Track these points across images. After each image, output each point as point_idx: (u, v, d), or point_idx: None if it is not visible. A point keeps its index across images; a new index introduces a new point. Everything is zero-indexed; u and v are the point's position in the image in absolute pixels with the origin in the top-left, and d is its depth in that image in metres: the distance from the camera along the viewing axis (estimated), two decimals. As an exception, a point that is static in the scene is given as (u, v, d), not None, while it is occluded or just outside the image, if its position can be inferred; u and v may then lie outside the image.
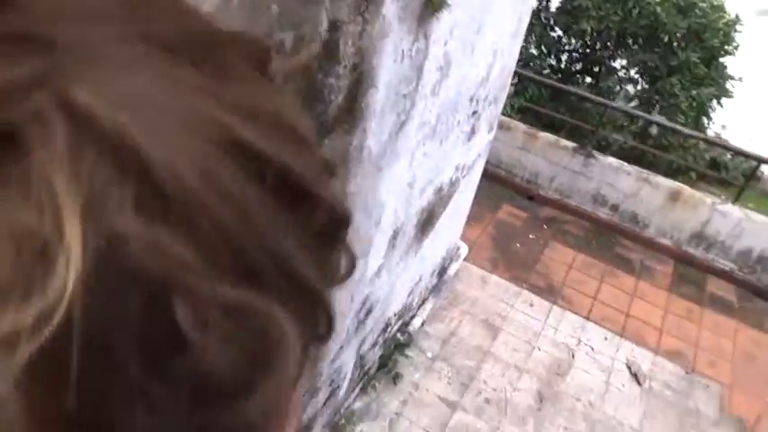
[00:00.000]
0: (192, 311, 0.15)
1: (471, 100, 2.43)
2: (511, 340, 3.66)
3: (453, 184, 2.83)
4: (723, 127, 9.68)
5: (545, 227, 4.95)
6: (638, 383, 3.68)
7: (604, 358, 3.77)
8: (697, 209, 4.75)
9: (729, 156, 8.41)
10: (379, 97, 1.55)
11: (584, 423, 3.30)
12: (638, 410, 3.48)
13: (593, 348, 3.81)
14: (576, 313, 4.06)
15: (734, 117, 8.43)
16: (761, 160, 4.47)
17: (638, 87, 7.82)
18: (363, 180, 1.70)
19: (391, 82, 1.59)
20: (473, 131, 2.71)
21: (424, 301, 3.53)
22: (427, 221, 2.67)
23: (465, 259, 4.07)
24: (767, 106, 12.14)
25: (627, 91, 7.94)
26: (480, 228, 4.67)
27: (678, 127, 5.29)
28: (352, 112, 1.43)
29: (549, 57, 8.14)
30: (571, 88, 5.96)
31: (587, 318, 4.06)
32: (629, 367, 3.77)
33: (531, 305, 4.01)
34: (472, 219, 3.90)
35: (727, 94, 7.68)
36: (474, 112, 2.56)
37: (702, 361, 4.00)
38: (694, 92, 6.93)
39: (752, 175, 4.65)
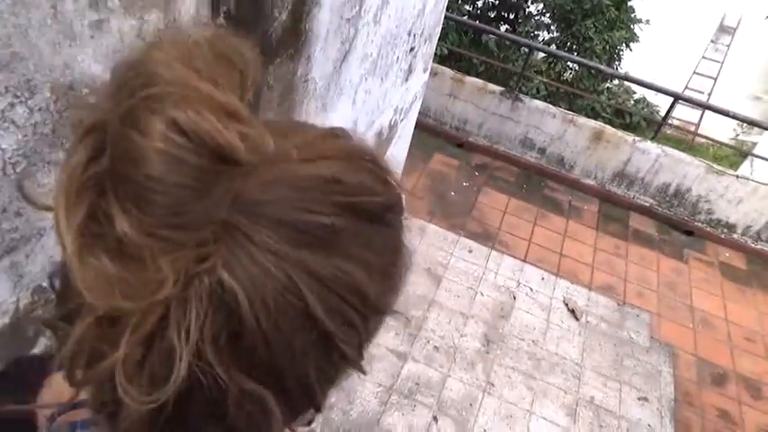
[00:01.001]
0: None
1: (410, 34, 2.27)
2: (454, 287, 3.64)
3: (392, 128, 2.68)
4: (626, 73, 10.13)
5: (477, 174, 4.94)
6: (576, 319, 3.78)
7: (543, 298, 3.84)
8: (619, 147, 4.89)
9: (632, 102, 8.81)
10: (324, 18, 1.36)
11: (530, 361, 3.36)
12: (577, 344, 3.58)
13: (532, 289, 3.87)
14: (513, 256, 4.10)
15: (634, 63, 8.77)
16: (676, 96, 4.63)
17: (554, 34, 7.94)
18: (308, 118, 1.52)
19: (335, 3, 1.41)
20: (410, 70, 2.56)
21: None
22: (368, 168, 2.52)
23: (402, 210, 3.98)
24: (667, 51, 12.79)
25: (542, 36, 8.04)
26: (414, 178, 4.58)
27: (602, 66, 5.39)
28: (297, 33, 1.24)
29: (466, 2, 8.07)
30: (495, 30, 5.90)
31: (524, 260, 4.11)
32: (566, 304, 3.87)
33: (470, 251, 4.00)
34: (405, 169, 3.79)
35: (635, 37, 7.96)
36: (412, 49, 2.41)
37: (631, 293, 4.18)
38: (607, 35, 7.11)
39: (669, 112, 4.82)
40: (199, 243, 0.29)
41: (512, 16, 8.13)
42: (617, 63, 7.85)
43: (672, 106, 4.79)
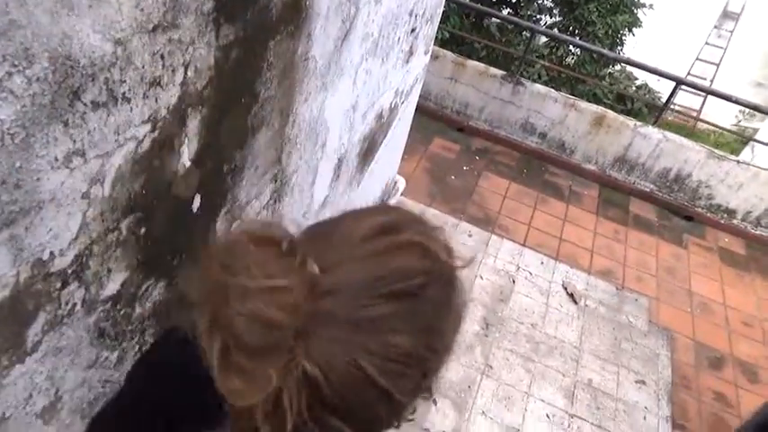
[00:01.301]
0: None
1: (411, 14, 2.25)
2: (453, 271, 3.64)
3: (393, 111, 2.67)
4: (628, 58, 10.04)
5: (477, 158, 4.92)
6: (575, 302, 3.80)
7: (542, 281, 3.85)
8: (620, 132, 4.87)
9: (634, 88, 8.76)
10: (324, -5, 1.35)
11: (528, 344, 3.37)
12: (576, 328, 3.60)
13: (531, 273, 3.88)
14: (513, 240, 4.10)
15: (637, 49, 8.71)
16: (678, 81, 4.60)
17: (556, 18, 7.87)
18: (309, 96, 1.51)
19: (335, -21, 1.39)
20: (411, 52, 2.54)
21: (365, 238, 3.42)
22: (369, 151, 2.51)
23: (402, 194, 3.97)
24: (670, 36, 12.70)
25: (545, 20, 7.97)
26: (414, 161, 4.57)
27: (604, 50, 5.35)
28: (297, 9, 1.23)
29: (469, -13, 7.98)
30: (497, 12, 5.85)
31: (524, 244, 4.11)
32: (565, 288, 3.88)
33: (470, 235, 4.00)
34: (406, 153, 3.78)
35: (638, 22, 7.90)
36: (413, 30, 2.39)
37: (630, 277, 4.19)
38: (610, 19, 7.05)
39: (671, 96, 4.80)
40: (288, 349, 0.46)
41: (514, 0, 8.06)
42: (619, 48, 7.80)
43: (674, 91, 4.76)
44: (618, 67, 8.67)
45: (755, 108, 4.96)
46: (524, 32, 7.29)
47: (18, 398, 0.86)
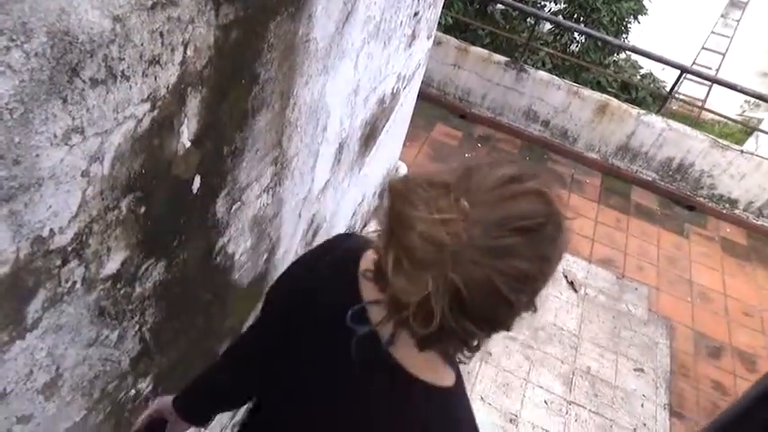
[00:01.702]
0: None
1: (414, -2, 2.23)
2: (454, 258, 3.65)
3: (395, 96, 2.66)
4: (633, 45, 9.95)
5: (479, 145, 4.91)
6: (575, 291, 3.81)
7: (543, 269, 3.84)
8: (623, 121, 4.85)
9: (639, 77, 8.69)
10: (326, -24, 1.34)
11: (528, 331, 3.39)
12: (575, 316, 3.61)
13: (531, 260, 3.88)
14: (514, 228, 4.10)
15: (642, 37, 8.63)
16: (683, 69, 4.57)
17: (561, 5, 7.80)
18: (310, 79, 1.51)
19: (337, -40, 1.38)
20: (414, 36, 2.53)
21: (366, 224, 3.42)
22: (370, 136, 2.50)
23: (403, 180, 3.97)
24: (676, 25, 12.59)
25: (549, 7, 7.90)
26: (416, 148, 4.56)
27: (609, 37, 5.31)
28: (297, -11, 1.22)
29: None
30: None
31: (525, 232, 4.11)
32: (565, 276, 3.89)
33: (471, 222, 4.00)
34: (408, 139, 3.77)
35: (643, 10, 7.82)
36: (416, 13, 2.37)
37: (631, 266, 4.20)
38: (615, 6, 6.98)
39: (675, 84, 4.77)
40: (443, 265, 0.62)
41: (519, -14, 7.99)
42: (624, 36, 7.73)
43: (678, 79, 4.73)
44: (623, 55, 8.60)
45: (761, 98, 4.93)
46: (528, 19, 7.23)
47: (19, 373, 0.87)
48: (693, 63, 12.08)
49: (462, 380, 0.84)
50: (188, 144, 1.05)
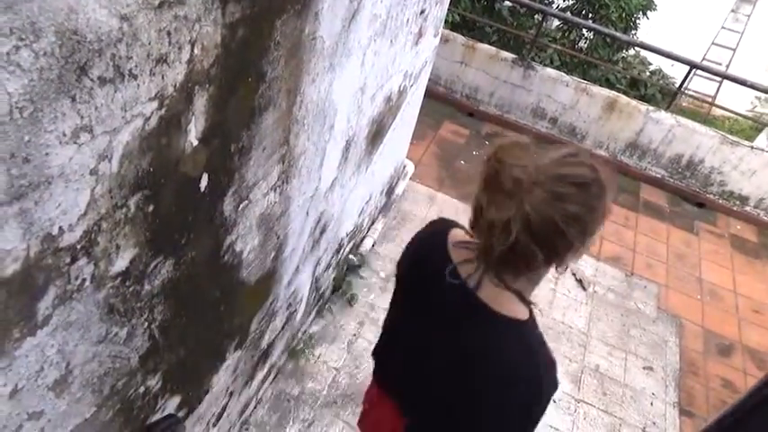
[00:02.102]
0: None
1: (421, -4, 2.23)
2: (461, 256, 3.64)
3: (402, 94, 2.66)
4: (641, 42, 9.86)
5: (487, 143, 4.90)
6: (583, 289, 3.79)
7: (551, 267, 3.83)
8: (632, 117, 4.82)
9: (648, 74, 8.63)
10: (332, -26, 1.34)
11: (536, 329, 3.38)
12: (584, 314, 3.60)
13: (539, 258, 3.86)
14: (521, 226, 4.09)
15: (651, 33, 8.57)
16: (693, 65, 4.54)
17: (569, 2, 7.76)
18: (316, 77, 1.51)
19: (343, -42, 1.38)
20: (421, 34, 2.52)
21: (374, 222, 3.42)
22: (377, 134, 2.51)
23: (411, 178, 3.97)
24: (686, 20, 12.49)
25: (557, 3, 7.86)
26: (423, 146, 4.56)
27: (617, 33, 5.27)
28: (303, -13, 1.22)
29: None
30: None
31: (533, 229, 4.10)
32: (573, 274, 3.87)
33: (479, 220, 3.99)
34: (415, 137, 3.77)
35: (652, 5, 7.76)
36: (422, 11, 2.37)
37: (640, 264, 4.17)
38: (623, 2, 6.94)
39: (685, 81, 4.73)
40: (521, 199, 0.92)
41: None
42: (633, 32, 7.67)
43: (688, 75, 4.70)
44: (631, 51, 8.54)
45: (771, 93, 4.89)
46: (536, 15, 7.20)
47: (30, 370, 0.88)
48: (703, 59, 11.97)
49: (535, 317, 1.12)
50: (195, 142, 1.05)
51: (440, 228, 1.24)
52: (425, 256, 1.22)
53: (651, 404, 3.18)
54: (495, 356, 1.06)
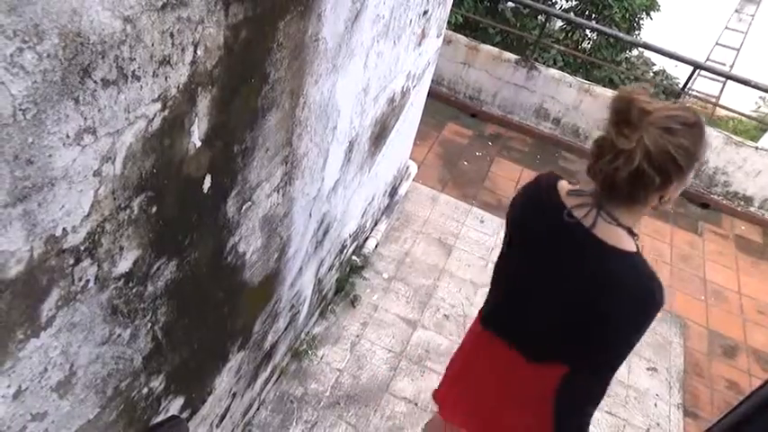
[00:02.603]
0: None
1: (423, -3, 2.23)
2: (464, 257, 3.64)
3: (405, 95, 2.66)
4: (644, 42, 9.85)
5: (490, 144, 4.89)
6: (587, 289, 3.78)
7: (554, 268, 3.82)
8: (636, 118, 4.81)
9: (651, 74, 8.62)
10: (335, -24, 1.34)
11: (539, 330, 3.37)
12: (587, 315, 3.58)
13: (543, 259, 3.86)
14: (525, 226, 4.08)
15: (654, 33, 8.56)
16: (697, 66, 4.53)
17: (572, 2, 7.75)
18: (319, 78, 1.51)
19: (346, -41, 1.39)
20: (423, 35, 2.52)
21: (377, 223, 3.42)
22: (380, 135, 2.51)
23: (414, 179, 3.97)
24: (689, 20, 12.45)
25: (560, 4, 7.85)
26: (426, 147, 4.56)
27: (620, 34, 5.26)
28: (306, -11, 1.22)
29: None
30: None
31: (536, 230, 4.09)
32: (577, 275, 3.86)
33: (482, 221, 3.99)
34: (418, 138, 3.77)
35: (656, 6, 7.75)
36: (425, 12, 2.37)
37: (644, 264, 4.15)
38: (627, 3, 6.93)
39: (688, 81, 4.72)
40: (641, 135, 1.13)
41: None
42: (637, 32, 7.67)
43: (692, 75, 4.68)
44: (635, 52, 8.53)
45: (775, 93, 4.87)
46: (539, 16, 7.19)
47: (34, 371, 0.88)
48: (707, 59, 11.94)
49: (640, 250, 1.28)
50: (199, 143, 1.05)
51: (548, 180, 1.41)
52: (539, 204, 1.39)
53: (655, 405, 3.17)
54: (618, 284, 1.26)
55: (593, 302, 1.28)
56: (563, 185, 1.37)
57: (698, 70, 4.61)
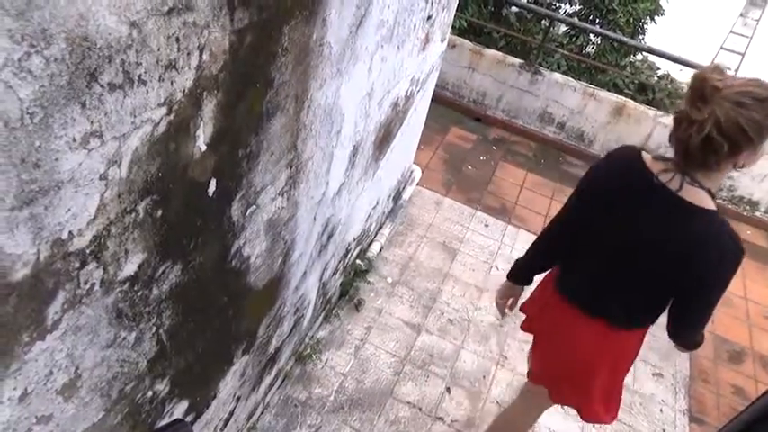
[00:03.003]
0: None
1: (427, 1, 2.24)
2: (469, 261, 3.64)
3: (409, 99, 2.66)
4: (649, 46, 9.83)
5: (494, 148, 4.89)
6: (592, 294, 3.76)
7: (559, 272, 3.81)
8: (640, 122, 4.80)
9: (656, 79, 8.61)
10: (339, -19, 1.34)
11: (544, 335, 3.36)
12: (592, 319, 3.57)
13: (547, 264, 3.85)
14: (529, 231, 4.07)
15: (659, 38, 8.55)
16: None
17: (576, 7, 7.76)
18: (324, 83, 1.51)
19: (351, -36, 1.39)
20: (427, 39, 2.53)
21: (381, 227, 3.42)
22: (384, 139, 2.51)
23: (418, 183, 3.97)
24: (694, 25, 12.44)
25: (564, 9, 7.86)
26: (431, 151, 4.56)
27: (624, 38, 5.25)
28: (311, -6, 1.23)
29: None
30: (516, 0, 5.78)
31: (540, 235, 4.08)
32: (582, 279, 3.85)
33: (486, 225, 3.99)
34: (422, 142, 3.77)
35: (660, 10, 7.75)
36: (429, 17, 2.38)
37: (649, 269, 4.13)
38: (631, 7, 6.93)
39: (693, 86, 4.70)
40: (712, 109, 1.30)
41: (533, -12, 7.95)
42: (641, 37, 7.67)
43: (696, 80, 4.67)
44: (639, 56, 8.53)
45: (781, 98, 4.84)
46: (543, 21, 7.20)
47: (39, 374, 0.88)
48: (712, 63, 11.87)
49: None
50: (204, 148, 1.06)
51: (631, 149, 1.58)
52: (627, 171, 1.53)
53: (661, 411, 3.15)
54: (705, 240, 1.43)
55: (682, 260, 1.45)
56: (646, 155, 1.53)
57: (703, 74, 4.60)
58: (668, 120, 4.72)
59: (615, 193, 1.55)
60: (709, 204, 1.43)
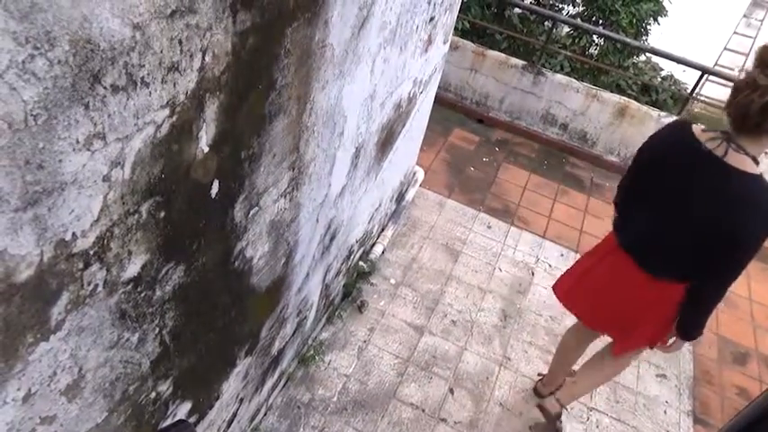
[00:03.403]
0: None
1: (429, 3, 2.24)
2: (472, 262, 3.64)
3: (411, 101, 2.67)
4: (652, 47, 9.80)
5: (497, 149, 4.89)
6: (595, 295, 3.76)
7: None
8: (643, 123, 4.79)
9: (659, 79, 8.58)
10: (342, -17, 1.35)
11: (547, 336, 3.36)
12: (596, 321, 3.56)
13: (550, 265, 3.85)
14: (532, 232, 4.07)
15: (662, 39, 8.53)
16: (705, 70, 4.51)
17: (579, 8, 7.75)
18: (326, 84, 1.52)
19: (353, -34, 1.40)
20: (430, 41, 2.53)
21: (383, 228, 3.42)
22: (387, 141, 2.51)
23: (420, 185, 3.97)
24: (697, 26, 12.42)
25: (567, 10, 7.85)
26: (433, 153, 4.56)
27: (627, 39, 5.25)
28: (313, -5, 1.23)
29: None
30: (519, 1, 5.78)
31: (543, 236, 4.08)
32: (585, 281, 3.84)
33: (489, 227, 3.98)
34: (425, 144, 3.78)
35: (663, 11, 7.73)
36: (431, 18, 2.38)
37: (652, 270, 4.12)
38: (634, 8, 6.92)
39: (696, 85, 4.70)
40: (762, 90, 1.54)
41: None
42: (644, 38, 7.65)
43: (700, 80, 4.66)
44: (642, 57, 8.50)
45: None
46: (546, 22, 7.20)
47: (43, 375, 0.89)
48: (715, 64, 11.88)
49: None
50: (206, 149, 1.06)
51: (683, 122, 1.81)
52: (678, 141, 1.75)
53: (665, 412, 3.14)
54: (747, 201, 1.61)
55: (725, 218, 1.64)
56: (695, 127, 1.73)
57: (706, 75, 4.59)
58: (671, 120, 4.72)
59: (667, 159, 1.77)
60: (752, 168, 1.62)
